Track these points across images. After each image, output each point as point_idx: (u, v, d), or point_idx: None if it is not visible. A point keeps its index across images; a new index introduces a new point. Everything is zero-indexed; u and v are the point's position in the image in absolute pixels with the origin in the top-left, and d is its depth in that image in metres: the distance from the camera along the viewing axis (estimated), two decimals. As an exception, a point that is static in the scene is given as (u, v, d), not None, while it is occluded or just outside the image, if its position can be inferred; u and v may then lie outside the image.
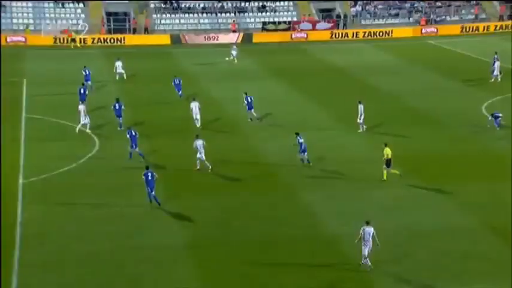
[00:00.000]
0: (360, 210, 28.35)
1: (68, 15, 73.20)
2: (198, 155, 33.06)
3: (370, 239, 24.06)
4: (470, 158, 35.54)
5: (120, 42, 70.29)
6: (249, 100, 41.47)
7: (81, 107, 39.13)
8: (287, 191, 31.31)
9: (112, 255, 25.24)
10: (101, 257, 25.05)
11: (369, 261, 24.15)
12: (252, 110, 41.46)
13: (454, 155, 36.01)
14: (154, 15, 75.24)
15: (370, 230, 24.12)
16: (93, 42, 69.72)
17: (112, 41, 70.28)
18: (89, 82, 48.29)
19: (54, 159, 34.73)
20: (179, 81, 47.23)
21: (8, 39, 67.95)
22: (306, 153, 33.81)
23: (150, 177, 28.99)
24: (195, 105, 40.27)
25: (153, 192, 29.06)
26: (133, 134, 34.50)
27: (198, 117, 40.09)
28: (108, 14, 74.27)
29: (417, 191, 31.17)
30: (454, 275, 24.03)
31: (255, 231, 27.39)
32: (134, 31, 73.06)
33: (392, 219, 28.26)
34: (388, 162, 32.08)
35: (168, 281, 23.62)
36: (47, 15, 72.97)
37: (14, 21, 71.79)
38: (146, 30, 72.99)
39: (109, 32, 72.56)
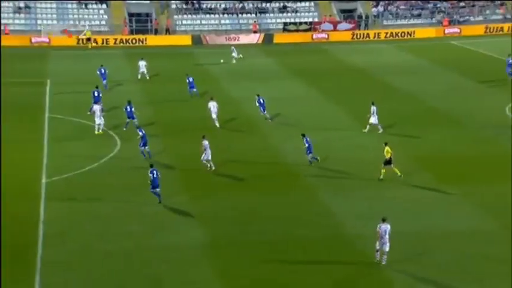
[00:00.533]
0: (379, 211, 28.29)
1: (91, 16, 73.97)
2: (204, 156, 33.27)
3: (387, 236, 24.21)
4: (492, 159, 35.39)
5: (142, 42, 70.82)
6: (261, 101, 41.64)
7: (97, 107, 39.58)
8: (306, 191, 31.46)
9: (132, 254, 25.52)
10: (122, 257, 25.36)
11: (378, 255, 24.40)
12: (265, 112, 41.66)
13: (475, 156, 35.89)
14: (176, 16, 75.71)
15: (386, 227, 24.28)
16: (115, 42, 70.32)
17: (134, 41, 70.88)
18: (104, 81, 49.13)
19: (76, 159, 35.17)
20: (192, 79, 47.62)
21: (33, 40, 68.74)
22: (312, 154, 34.08)
23: (155, 175, 29.46)
24: (213, 105, 40.60)
25: (158, 189, 29.51)
26: (144, 132, 35.13)
27: (216, 116, 40.37)
28: (131, 14, 74.92)
29: (437, 192, 31.13)
30: (473, 277, 24.02)
31: (275, 231, 27.57)
32: (156, 32, 73.56)
33: (411, 220, 28.30)
34: (389, 161, 32.21)
35: (188, 280, 23.85)
36: (71, 15, 73.80)
37: (39, 22, 72.75)
38: (168, 31, 73.44)
39: (131, 32, 73.22)
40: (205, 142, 33.41)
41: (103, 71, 50.02)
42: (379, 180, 32.23)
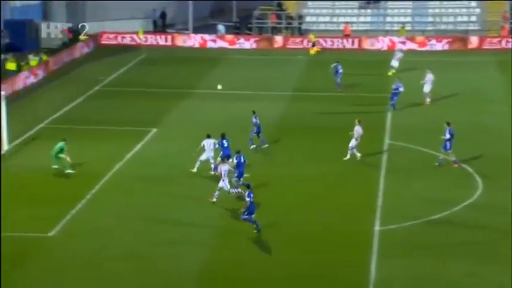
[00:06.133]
0: None
1: (457, 11, 75.77)
2: (221, 183, 34.45)
3: None
4: None
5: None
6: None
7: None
8: None
9: None
10: None
11: None
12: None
13: None
14: None
15: None
16: (486, 45, 69.71)
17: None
18: (338, 79, 54.90)
19: (420, 202, 35.35)
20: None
21: (380, 42, 71.07)
22: None
23: (252, 199, 31.35)
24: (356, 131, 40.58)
25: (253, 215, 31.57)
26: (242, 160, 35.58)
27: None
28: (514, 6, 74.27)
29: None
30: None
31: None
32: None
33: None
34: None
35: None
36: (430, 10, 76.04)
37: (388, 19, 75.45)
38: None
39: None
40: (224, 167, 34.67)
41: (339, 68, 54.62)
42: None
